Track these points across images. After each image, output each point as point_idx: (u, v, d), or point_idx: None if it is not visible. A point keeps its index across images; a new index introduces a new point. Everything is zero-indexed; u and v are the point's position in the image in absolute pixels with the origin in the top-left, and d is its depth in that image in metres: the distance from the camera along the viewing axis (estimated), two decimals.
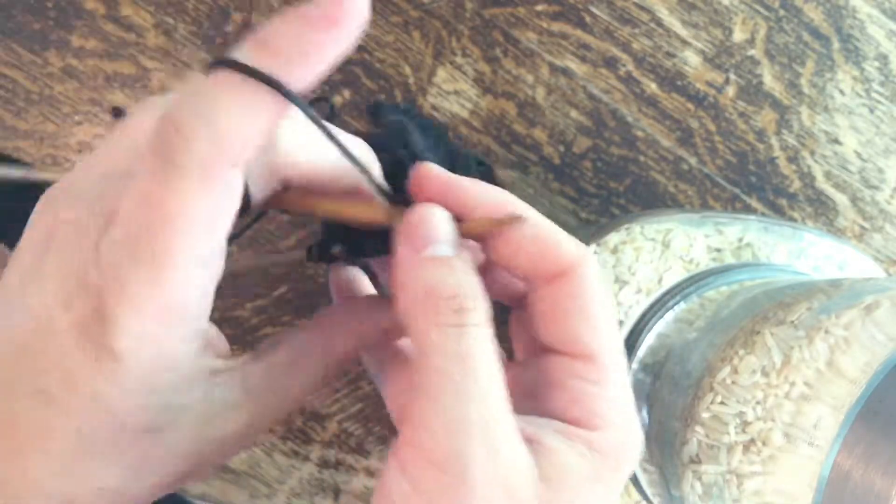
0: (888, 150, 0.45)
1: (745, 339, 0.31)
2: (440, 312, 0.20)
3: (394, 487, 0.19)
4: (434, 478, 0.19)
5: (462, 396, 0.19)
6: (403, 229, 0.22)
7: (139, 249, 0.19)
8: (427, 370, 0.20)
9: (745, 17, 0.44)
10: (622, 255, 0.37)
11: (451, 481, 0.19)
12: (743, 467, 0.29)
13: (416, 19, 0.43)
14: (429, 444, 0.19)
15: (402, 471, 0.19)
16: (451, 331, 0.20)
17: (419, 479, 0.19)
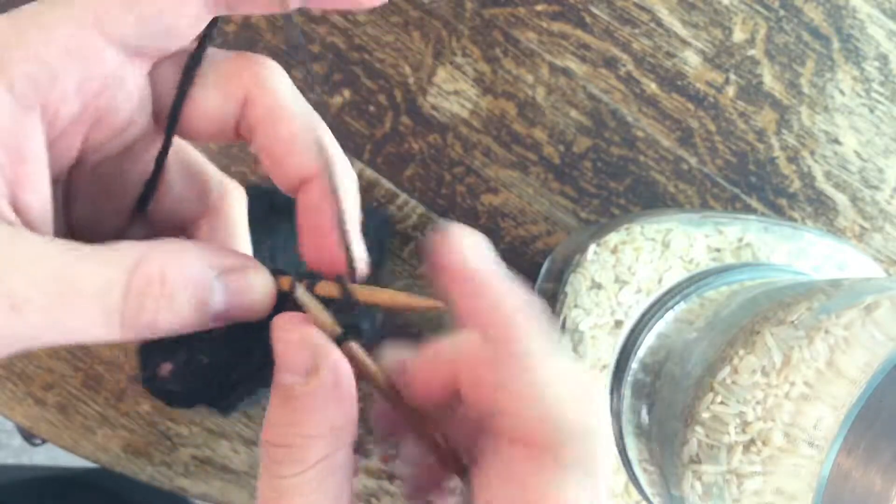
0: (888, 150, 0.45)
1: (745, 339, 0.31)
2: (264, 456, 0.20)
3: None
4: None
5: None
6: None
7: None
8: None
9: (745, 17, 0.44)
10: (622, 255, 0.37)
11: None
12: (743, 467, 0.29)
13: (416, 19, 0.43)
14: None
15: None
16: (269, 481, 0.20)
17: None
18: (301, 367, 0.20)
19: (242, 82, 0.22)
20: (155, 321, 0.20)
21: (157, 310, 0.19)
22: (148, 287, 0.19)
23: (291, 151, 0.22)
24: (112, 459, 0.43)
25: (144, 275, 0.19)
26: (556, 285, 0.38)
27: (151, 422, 0.43)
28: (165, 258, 0.20)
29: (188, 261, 0.20)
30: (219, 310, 0.21)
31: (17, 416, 0.42)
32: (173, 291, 0.20)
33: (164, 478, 0.43)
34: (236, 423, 0.43)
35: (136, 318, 0.19)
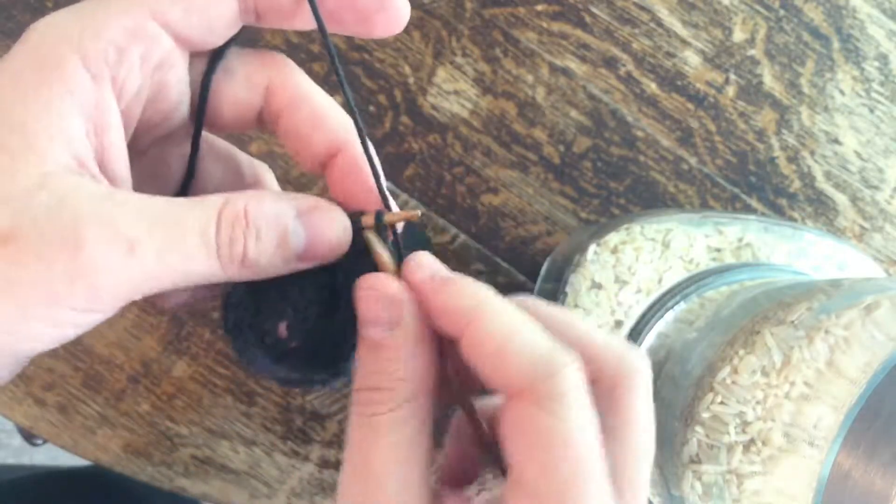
0: (888, 150, 0.45)
1: (745, 339, 0.31)
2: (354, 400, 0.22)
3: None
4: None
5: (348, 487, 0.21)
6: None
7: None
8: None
9: (745, 17, 0.44)
10: (622, 255, 0.37)
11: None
12: (743, 467, 0.29)
13: (416, 19, 0.43)
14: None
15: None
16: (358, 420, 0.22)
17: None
18: (386, 319, 0.22)
19: (265, 73, 0.25)
20: (246, 254, 0.22)
21: (246, 242, 0.22)
22: (236, 221, 0.22)
23: (316, 128, 0.25)
24: (112, 459, 0.43)
25: (231, 212, 0.22)
26: (556, 285, 0.38)
27: (151, 422, 0.43)
28: (247, 199, 0.22)
29: (267, 201, 0.23)
30: (300, 247, 0.23)
31: (17, 416, 0.42)
32: (257, 225, 0.22)
33: (164, 478, 0.43)
34: (236, 423, 0.43)
35: (230, 250, 0.22)
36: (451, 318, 0.22)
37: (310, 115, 0.25)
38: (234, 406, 0.43)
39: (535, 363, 0.20)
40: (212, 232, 0.21)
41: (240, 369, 0.43)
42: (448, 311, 0.22)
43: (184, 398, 0.43)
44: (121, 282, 0.20)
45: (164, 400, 0.42)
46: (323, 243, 0.23)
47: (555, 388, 0.20)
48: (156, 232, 0.21)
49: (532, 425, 0.20)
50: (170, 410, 0.43)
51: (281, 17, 0.24)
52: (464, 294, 0.22)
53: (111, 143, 0.22)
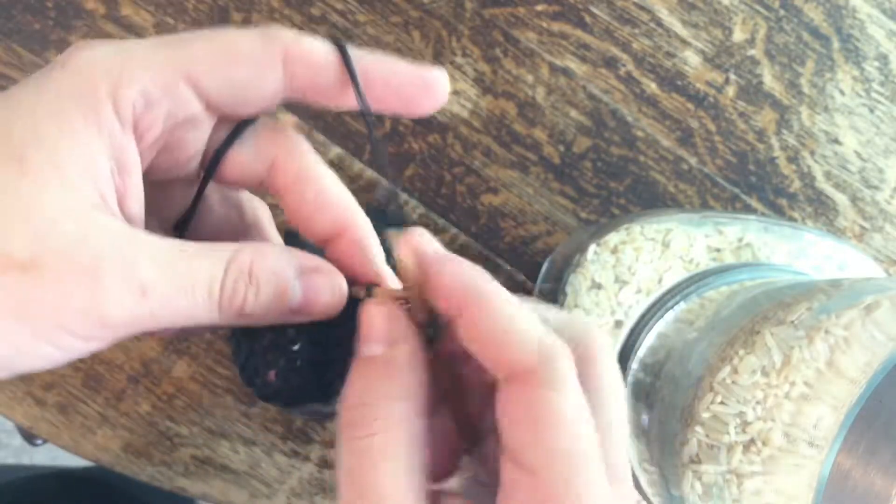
0: (888, 150, 0.45)
1: (745, 339, 0.31)
2: (343, 424, 0.22)
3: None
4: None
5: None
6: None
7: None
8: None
9: (745, 17, 0.44)
10: (622, 255, 0.37)
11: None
12: (743, 467, 0.29)
13: (416, 19, 0.43)
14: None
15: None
16: (346, 443, 0.22)
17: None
18: (385, 336, 0.23)
19: (274, 149, 0.26)
20: (243, 307, 0.23)
21: (246, 296, 0.23)
22: (240, 275, 0.23)
23: (319, 209, 0.26)
24: (112, 459, 0.43)
25: (237, 267, 0.23)
26: (556, 285, 0.38)
27: (151, 422, 0.43)
28: (254, 254, 0.24)
29: (272, 258, 0.24)
30: (296, 303, 0.24)
31: (17, 416, 0.42)
32: (259, 282, 0.23)
33: (164, 478, 0.43)
34: (236, 423, 0.43)
35: (230, 303, 0.23)
36: (453, 296, 0.22)
37: (314, 196, 0.25)
38: (234, 406, 0.43)
39: (539, 347, 0.21)
40: (217, 284, 0.23)
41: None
42: (450, 289, 0.22)
43: (184, 398, 0.43)
44: (128, 320, 0.21)
45: (164, 400, 0.42)
46: (317, 303, 0.24)
47: (557, 372, 0.20)
48: (168, 278, 0.22)
49: (538, 405, 0.20)
50: (170, 410, 0.43)
51: (326, 98, 0.24)
52: (466, 274, 0.22)
53: (132, 184, 0.23)
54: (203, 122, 0.24)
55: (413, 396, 0.22)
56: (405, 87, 0.25)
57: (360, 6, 0.43)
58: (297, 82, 0.24)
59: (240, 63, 0.23)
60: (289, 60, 0.23)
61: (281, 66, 0.23)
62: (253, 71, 0.23)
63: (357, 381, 0.22)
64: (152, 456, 0.43)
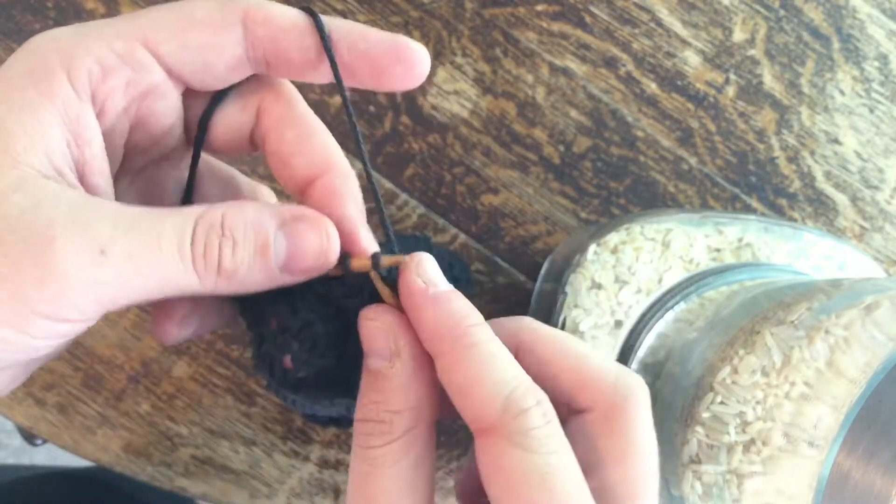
0: (888, 150, 0.45)
1: (745, 339, 0.31)
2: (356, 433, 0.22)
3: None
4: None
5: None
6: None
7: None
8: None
9: (745, 17, 0.44)
10: (622, 255, 0.37)
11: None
12: (743, 467, 0.29)
13: (416, 19, 0.43)
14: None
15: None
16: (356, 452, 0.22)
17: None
18: (386, 351, 0.22)
19: (258, 95, 0.25)
20: (221, 262, 0.21)
21: (222, 250, 0.21)
22: (211, 229, 0.21)
23: (299, 150, 0.24)
24: (112, 459, 0.43)
25: (208, 220, 0.21)
26: (556, 285, 0.38)
27: (151, 422, 0.43)
28: (226, 208, 0.22)
29: (247, 209, 0.22)
30: (282, 257, 0.22)
31: (17, 416, 0.42)
32: (234, 233, 0.21)
33: (164, 478, 0.43)
34: (236, 423, 0.43)
35: (205, 260, 0.21)
36: (431, 338, 0.22)
37: (295, 137, 0.24)
38: (234, 406, 0.43)
39: (504, 400, 0.20)
40: (187, 239, 0.21)
41: (240, 369, 0.43)
42: (429, 331, 0.22)
43: (184, 398, 0.43)
44: (92, 287, 0.20)
45: (164, 400, 0.42)
46: (306, 254, 0.22)
47: (525, 424, 0.20)
48: (129, 237, 0.20)
49: (505, 461, 0.20)
50: (170, 410, 0.43)
51: (292, 69, 0.23)
52: (447, 316, 0.21)
53: (92, 155, 0.22)
54: (169, 91, 0.23)
55: (416, 406, 0.22)
56: (377, 56, 0.23)
57: (360, 6, 0.43)
58: (259, 47, 0.23)
59: (195, 26, 0.22)
60: (249, 23, 0.22)
61: (240, 28, 0.22)
62: (210, 34, 0.22)
63: (367, 394, 0.22)
64: (152, 456, 0.43)
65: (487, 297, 0.43)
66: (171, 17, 0.22)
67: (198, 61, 0.23)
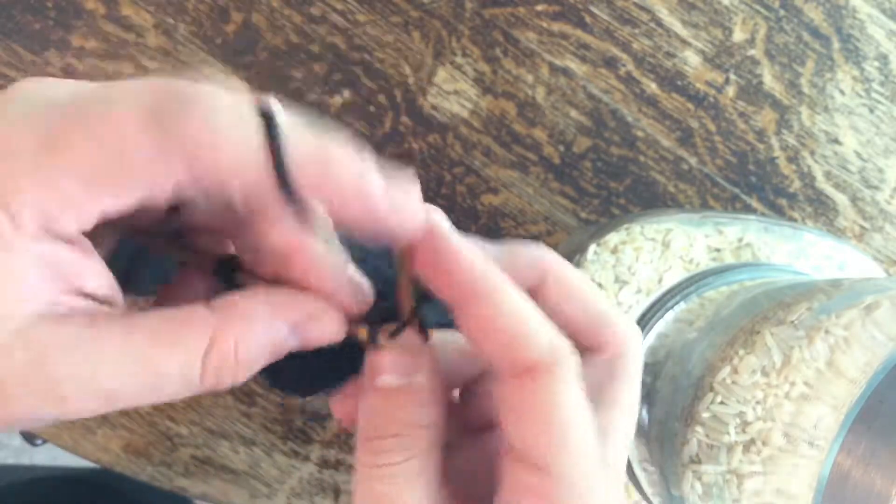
0: (888, 150, 0.45)
1: (745, 339, 0.31)
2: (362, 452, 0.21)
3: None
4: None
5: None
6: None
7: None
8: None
9: (745, 17, 0.44)
10: (622, 255, 0.37)
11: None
12: (743, 467, 0.29)
13: (416, 19, 0.43)
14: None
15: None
16: (370, 472, 0.21)
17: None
18: (402, 368, 0.22)
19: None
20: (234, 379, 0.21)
21: (235, 375, 0.21)
22: (224, 362, 0.21)
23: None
24: (112, 459, 0.43)
25: (219, 353, 0.20)
26: None
27: (151, 422, 0.43)
28: (238, 332, 0.21)
29: (260, 329, 0.21)
30: (292, 349, 0.22)
31: None
32: (248, 360, 0.21)
33: (164, 478, 0.43)
34: (236, 423, 0.43)
35: (215, 387, 0.21)
36: (461, 282, 0.21)
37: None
38: (234, 406, 0.43)
39: (551, 346, 0.20)
40: (195, 376, 0.20)
41: None
42: (459, 275, 0.21)
43: (184, 398, 0.43)
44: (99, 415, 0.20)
45: None
46: (314, 343, 0.22)
47: (569, 370, 0.20)
48: (134, 383, 0.20)
49: (551, 401, 0.20)
50: (170, 410, 0.43)
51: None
52: (478, 263, 0.21)
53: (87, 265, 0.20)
54: (106, 235, 0.22)
55: (435, 423, 0.22)
56: (341, 189, 0.21)
57: (360, 6, 0.43)
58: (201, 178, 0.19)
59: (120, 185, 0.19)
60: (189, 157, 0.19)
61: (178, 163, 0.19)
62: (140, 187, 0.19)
63: (377, 410, 0.22)
64: (152, 456, 0.43)
65: None
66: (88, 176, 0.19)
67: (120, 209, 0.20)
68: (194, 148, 0.19)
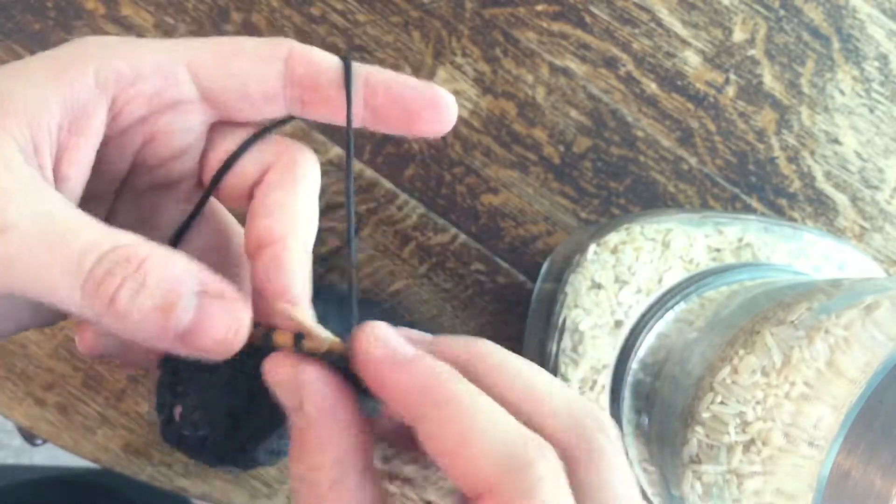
0: (888, 150, 0.45)
1: (746, 339, 0.31)
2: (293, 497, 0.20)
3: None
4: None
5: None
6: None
7: None
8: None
9: (745, 17, 0.44)
10: (622, 255, 0.37)
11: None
12: (743, 467, 0.29)
13: (416, 19, 0.43)
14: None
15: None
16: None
17: None
18: (292, 405, 0.20)
19: (274, 154, 0.25)
20: (116, 298, 0.19)
21: (123, 285, 0.19)
22: (124, 261, 0.19)
23: (264, 214, 0.24)
24: (112, 459, 0.43)
25: (126, 252, 0.20)
26: (556, 285, 0.38)
27: (151, 422, 0.43)
28: (155, 251, 0.20)
29: (174, 261, 0.20)
30: (184, 325, 0.20)
31: (17, 416, 0.42)
32: (145, 277, 0.19)
33: (164, 478, 0.43)
34: None
35: (98, 285, 0.19)
36: (406, 405, 0.20)
37: (272, 200, 0.24)
38: None
39: (504, 455, 0.18)
40: (93, 256, 0.19)
41: None
42: (401, 398, 0.20)
43: None
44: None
45: None
46: (208, 334, 0.20)
47: (525, 483, 0.18)
48: (39, 226, 0.19)
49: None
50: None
51: (325, 109, 0.24)
52: (420, 379, 0.19)
53: (78, 146, 0.22)
54: (195, 112, 0.24)
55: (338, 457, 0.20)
56: (410, 100, 0.24)
57: (360, 6, 0.43)
58: (297, 84, 0.23)
59: (241, 55, 0.23)
60: (291, 62, 0.23)
61: (282, 65, 0.23)
62: (253, 63, 0.23)
63: (292, 452, 0.20)
64: (152, 456, 0.43)
65: (487, 297, 0.43)
66: (220, 45, 0.23)
67: (237, 87, 0.23)
68: (294, 51, 0.23)
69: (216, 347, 0.20)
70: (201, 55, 0.23)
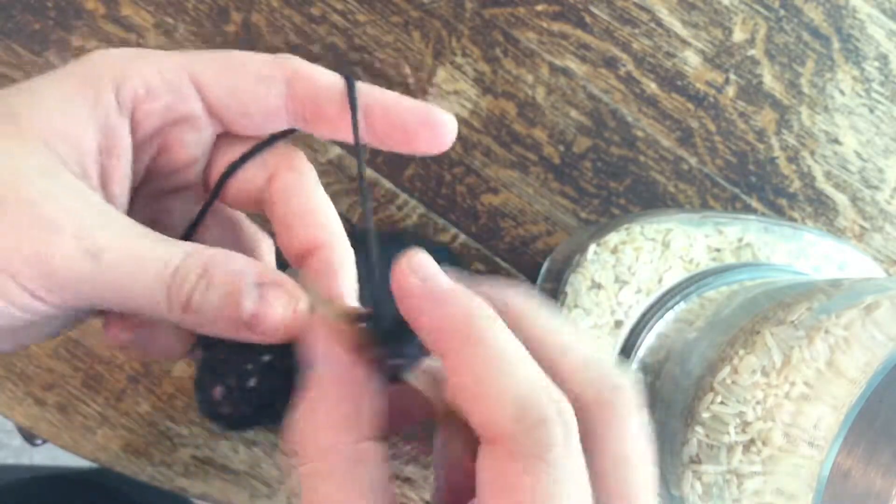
0: (888, 150, 0.45)
1: (746, 339, 0.31)
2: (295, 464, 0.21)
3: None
4: None
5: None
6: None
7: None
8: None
9: (745, 17, 0.44)
10: (622, 255, 0.37)
11: None
12: (743, 467, 0.29)
13: (416, 19, 0.43)
14: None
15: None
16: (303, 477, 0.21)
17: None
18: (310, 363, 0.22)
19: (274, 161, 0.26)
20: (190, 301, 0.22)
21: (196, 286, 0.22)
22: (194, 269, 0.22)
23: (301, 223, 0.25)
24: (112, 459, 0.43)
25: (196, 259, 0.22)
26: (556, 285, 0.38)
27: (151, 422, 0.43)
28: (215, 254, 0.23)
29: (233, 260, 0.23)
30: (248, 313, 0.22)
31: (17, 416, 0.42)
32: (213, 276, 0.22)
33: (164, 478, 0.43)
34: None
35: (177, 294, 0.22)
36: (435, 338, 0.20)
37: (298, 208, 0.25)
38: None
39: (519, 408, 0.18)
40: (168, 271, 0.22)
41: None
42: (432, 331, 0.20)
43: (184, 398, 0.43)
44: (74, 280, 0.21)
45: (164, 400, 0.42)
46: (270, 319, 0.22)
47: (540, 439, 0.18)
48: (123, 249, 0.22)
49: (513, 479, 0.18)
50: (170, 410, 0.43)
51: (327, 126, 0.25)
52: (453, 314, 0.20)
53: (116, 167, 0.24)
54: (203, 126, 0.25)
55: (345, 419, 0.20)
56: (408, 121, 0.25)
57: (360, 6, 0.43)
58: (299, 101, 0.24)
59: (243, 73, 0.24)
60: (293, 80, 0.24)
61: (284, 84, 0.24)
62: (256, 83, 0.24)
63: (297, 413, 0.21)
64: (152, 456, 0.43)
65: None
66: (224, 62, 0.24)
67: (238, 106, 0.24)
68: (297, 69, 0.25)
69: (277, 330, 0.22)
70: (205, 72, 0.24)
